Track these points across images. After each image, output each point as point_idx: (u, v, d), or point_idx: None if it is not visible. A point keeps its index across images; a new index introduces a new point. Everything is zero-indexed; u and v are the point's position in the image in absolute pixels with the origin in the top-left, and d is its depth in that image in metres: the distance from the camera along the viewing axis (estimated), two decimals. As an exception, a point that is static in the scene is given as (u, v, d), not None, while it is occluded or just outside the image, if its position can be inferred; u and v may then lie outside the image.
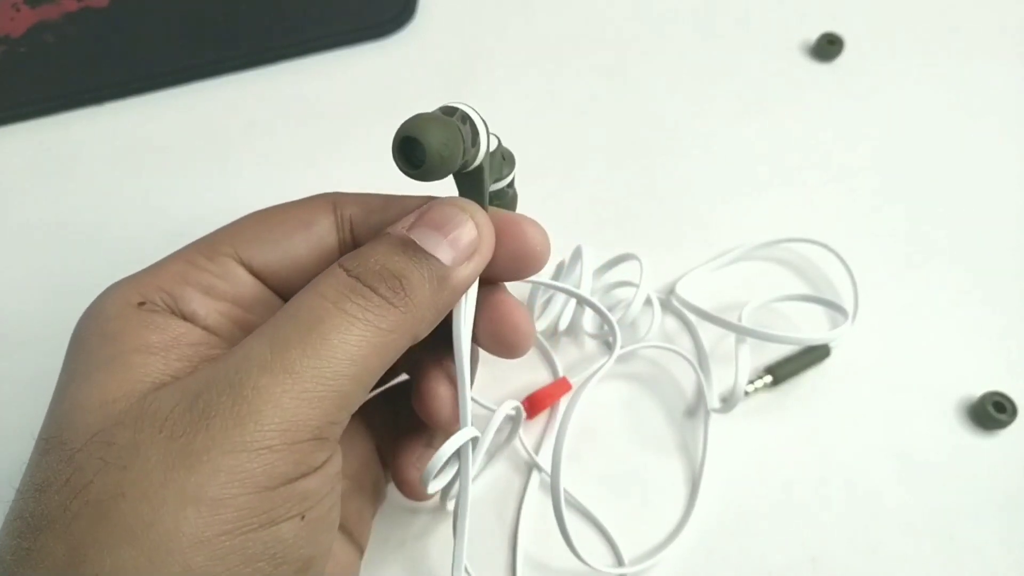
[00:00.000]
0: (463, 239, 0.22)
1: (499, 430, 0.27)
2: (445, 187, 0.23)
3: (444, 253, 0.22)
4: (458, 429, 0.24)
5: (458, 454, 0.25)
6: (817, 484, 0.33)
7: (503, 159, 0.25)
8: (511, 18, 0.47)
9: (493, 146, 0.23)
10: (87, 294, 0.37)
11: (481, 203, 0.23)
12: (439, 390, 0.25)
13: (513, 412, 0.29)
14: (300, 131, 0.43)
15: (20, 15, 0.47)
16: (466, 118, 0.21)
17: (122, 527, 0.17)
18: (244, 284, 0.23)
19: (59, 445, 0.19)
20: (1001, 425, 0.33)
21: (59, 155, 0.42)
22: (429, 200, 0.24)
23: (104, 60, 0.45)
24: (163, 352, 0.20)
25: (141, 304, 0.21)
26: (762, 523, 0.32)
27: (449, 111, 0.21)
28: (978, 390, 0.34)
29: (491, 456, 0.33)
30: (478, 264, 0.23)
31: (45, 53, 0.45)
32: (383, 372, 0.21)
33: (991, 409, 0.33)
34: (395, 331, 0.20)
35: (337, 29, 0.46)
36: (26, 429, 0.34)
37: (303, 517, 0.19)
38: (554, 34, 0.46)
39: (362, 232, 0.25)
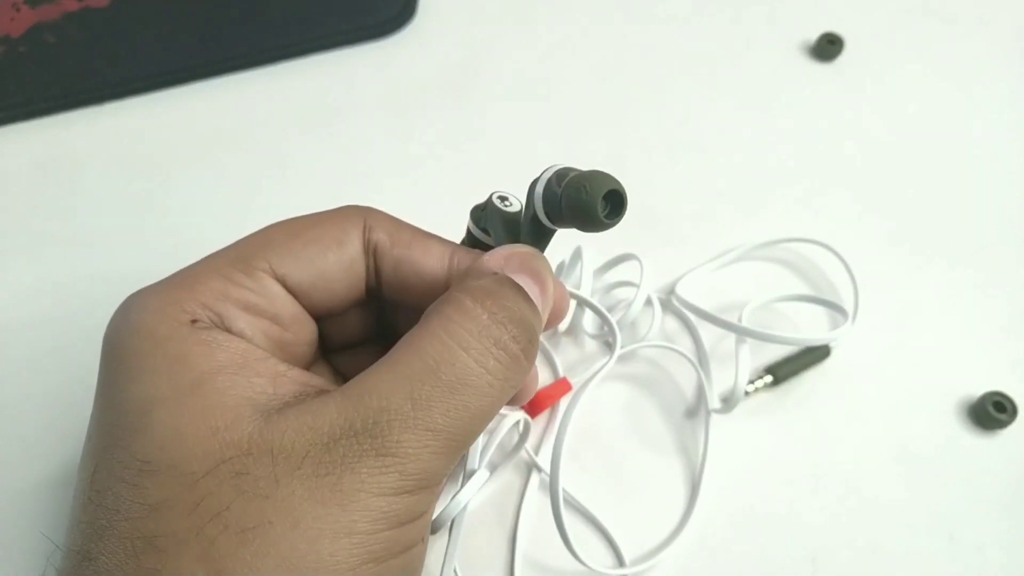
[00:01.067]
0: (546, 290, 0.23)
1: (507, 439, 0.27)
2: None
3: (537, 300, 0.22)
4: None
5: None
6: (817, 484, 0.33)
7: None
8: (511, 18, 0.47)
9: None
10: (88, 295, 0.37)
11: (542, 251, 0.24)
12: None
13: (520, 422, 0.29)
14: (300, 131, 0.43)
15: (20, 15, 0.47)
16: None
17: (273, 553, 0.18)
18: (281, 301, 0.23)
19: (170, 469, 0.19)
20: (1001, 425, 0.33)
21: (59, 155, 0.42)
22: (454, 246, 0.25)
23: (104, 60, 0.45)
24: (240, 372, 0.21)
25: (194, 322, 0.21)
26: (762, 523, 0.32)
27: (564, 172, 0.22)
28: (978, 390, 0.34)
29: (494, 467, 0.33)
30: (547, 316, 0.24)
31: (45, 53, 0.45)
32: None
33: (991, 409, 0.33)
34: (517, 386, 0.22)
35: (337, 29, 0.46)
36: (31, 431, 0.34)
37: (424, 540, 0.21)
38: (553, 34, 0.46)
39: (383, 262, 0.24)
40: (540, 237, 0.24)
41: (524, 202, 0.24)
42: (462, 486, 0.27)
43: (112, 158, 0.42)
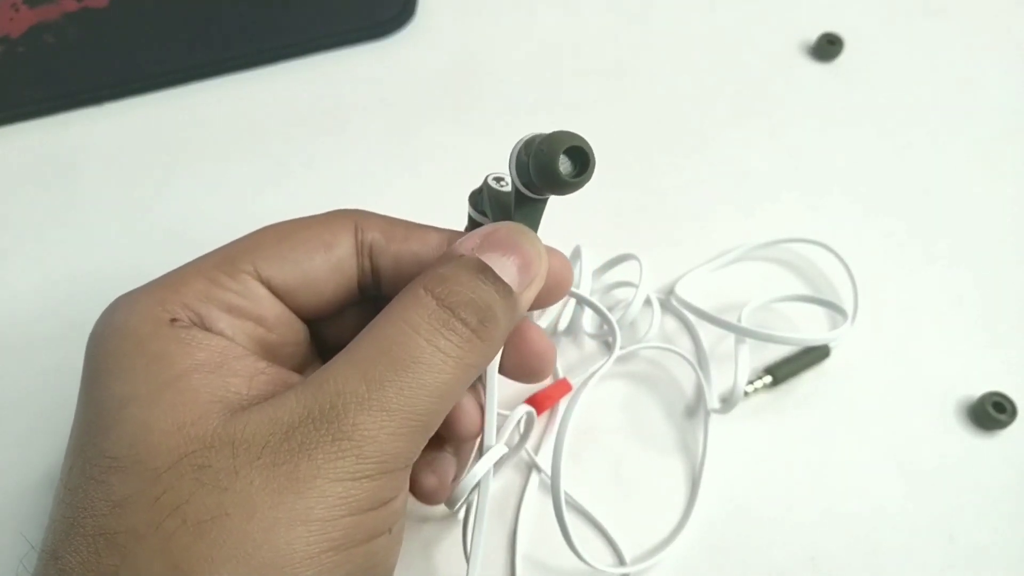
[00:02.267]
0: (529, 265, 0.22)
1: (510, 436, 0.27)
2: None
3: (512, 278, 0.22)
4: (474, 439, 0.25)
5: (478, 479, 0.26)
6: (817, 484, 0.33)
7: None
8: (511, 18, 0.47)
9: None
10: (88, 295, 0.37)
11: (535, 229, 0.24)
12: (465, 404, 0.25)
13: (526, 417, 0.29)
14: (300, 131, 0.43)
15: (19, 15, 0.47)
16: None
17: (229, 544, 0.18)
18: (265, 303, 0.23)
19: (136, 464, 0.19)
20: (1001, 425, 0.33)
21: (58, 155, 0.42)
22: (452, 232, 0.25)
23: (103, 60, 0.45)
24: (217, 371, 0.21)
25: (173, 321, 0.21)
26: (762, 523, 0.32)
27: (532, 139, 0.22)
28: (978, 390, 0.34)
29: (499, 467, 0.33)
30: (536, 290, 0.23)
31: (44, 53, 0.45)
32: None
33: (991, 409, 0.33)
34: (477, 364, 0.22)
35: (337, 29, 0.46)
36: (29, 429, 0.34)
37: (391, 531, 0.21)
38: (553, 34, 0.46)
39: (381, 260, 0.24)
40: (528, 212, 0.23)
41: None
42: (475, 461, 0.27)
43: (111, 158, 0.42)
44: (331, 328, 0.26)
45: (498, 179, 0.24)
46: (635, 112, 0.43)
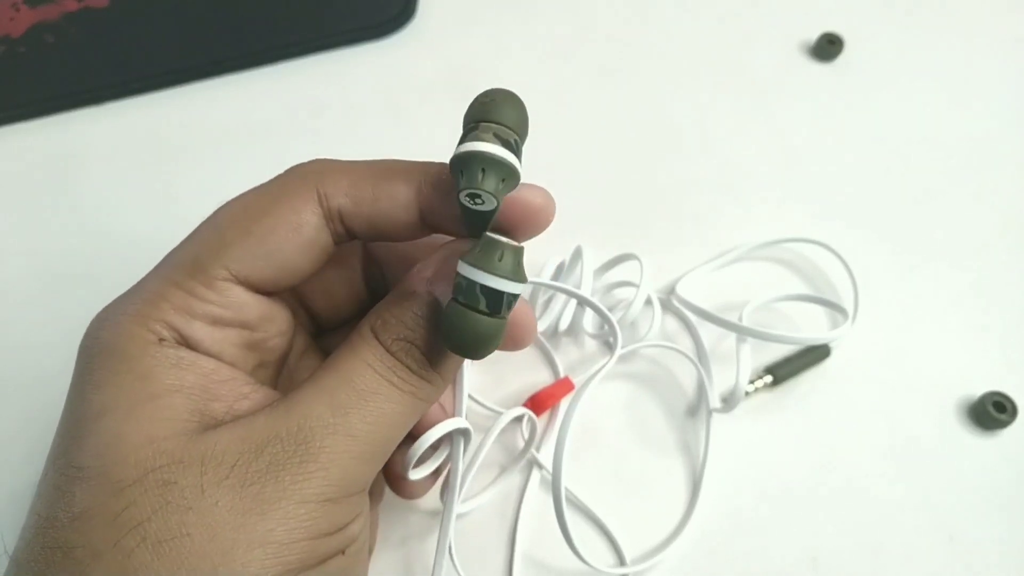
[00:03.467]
0: None
1: (514, 439, 0.27)
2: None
3: None
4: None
5: (451, 445, 0.26)
6: (817, 484, 0.33)
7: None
8: (511, 18, 0.47)
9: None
10: (87, 297, 0.37)
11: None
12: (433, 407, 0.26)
13: (523, 418, 0.29)
14: (301, 131, 0.43)
15: (20, 15, 0.47)
16: (517, 148, 0.21)
17: (188, 566, 0.18)
18: (248, 307, 0.23)
19: (100, 476, 0.19)
20: (1001, 425, 0.33)
21: (59, 156, 0.42)
22: (421, 175, 0.23)
23: (104, 60, 0.45)
24: (200, 393, 0.21)
25: (161, 341, 0.21)
26: (763, 522, 0.32)
27: (504, 140, 0.20)
28: (978, 390, 0.34)
29: (503, 468, 0.33)
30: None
31: (45, 53, 0.45)
32: None
33: (991, 409, 0.33)
34: (429, 399, 0.23)
35: (337, 29, 0.46)
36: (24, 433, 0.34)
37: (344, 552, 0.22)
38: (554, 34, 0.46)
39: (354, 223, 0.23)
40: (474, 222, 0.22)
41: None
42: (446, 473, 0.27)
43: (112, 159, 0.42)
44: (319, 301, 0.27)
45: (472, 195, 0.21)
46: (635, 112, 0.43)
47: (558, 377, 0.35)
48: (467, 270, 0.20)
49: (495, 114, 0.21)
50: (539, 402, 0.33)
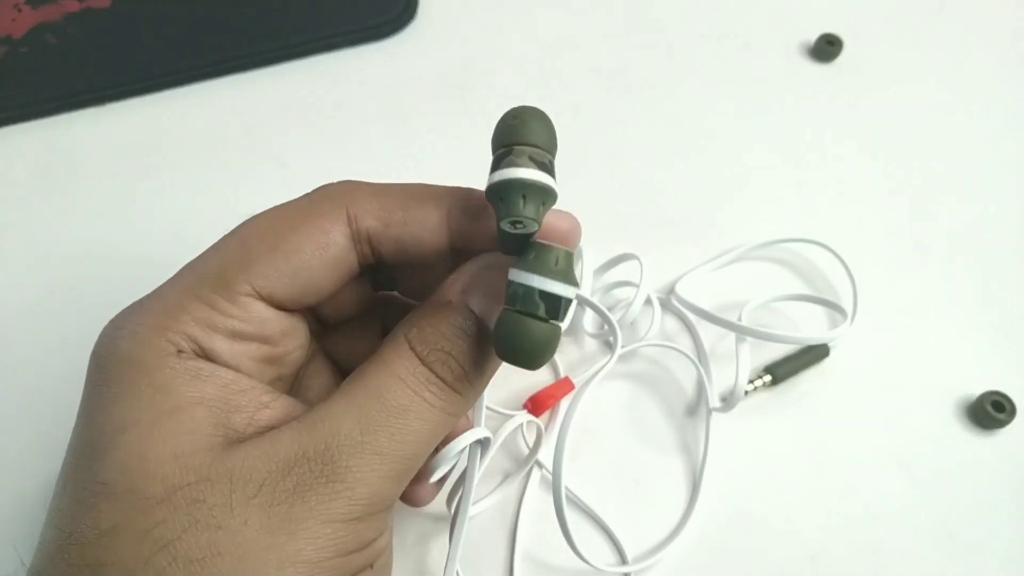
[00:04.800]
0: None
1: (519, 444, 0.27)
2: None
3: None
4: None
5: (466, 454, 0.26)
6: (816, 483, 0.33)
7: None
8: (511, 19, 0.47)
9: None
10: (89, 298, 0.37)
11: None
12: None
13: (529, 424, 0.29)
14: (301, 132, 0.43)
15: (22, 16, 0.47)
16: (551, 167, 0.20)
17: None
18: (269, 323, 0.23)
19: (128, 492, 0.19)
20: (1000, 424, 0.33)
21: (60, 156, 0.42)
22: (451, 201, 0.23)
23: (105, 61, 0.45)
24: (220, 405, 0.21)
25: (180, 352, 0.21)
26: (763, 522, 0.32)
27: (541, 163, 0.20)
28: (977, 389, 0.34)
29: (507, 473, 0.33)
30: None
31: (46, 54, 0.45)
32: None
33: (990, 408, 0.33)
34: (459, 412, 0.22)
35: (338, 30, 0.46)
36: (27, 438, 0.34)
37: (372, 567, 0.22)
38: (554, 35, 0.46)
39: (382, 247, 0.23)
40: (508, 245, 0.22)
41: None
42: (461, 482, 0.27)
43: (113, 159, 0.42)
44: (328, 308, 0.26)
45: (514, 222, 0.21)
46: (635, 112, 0.43)
47: (558, 377, 0.35)
48: (524, 276, 0.20)
49: (526, 135, 0.20)
50: (539, 402, 0.34)
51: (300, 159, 0.42)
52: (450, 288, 0.23)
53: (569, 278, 0.20)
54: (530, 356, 0.20)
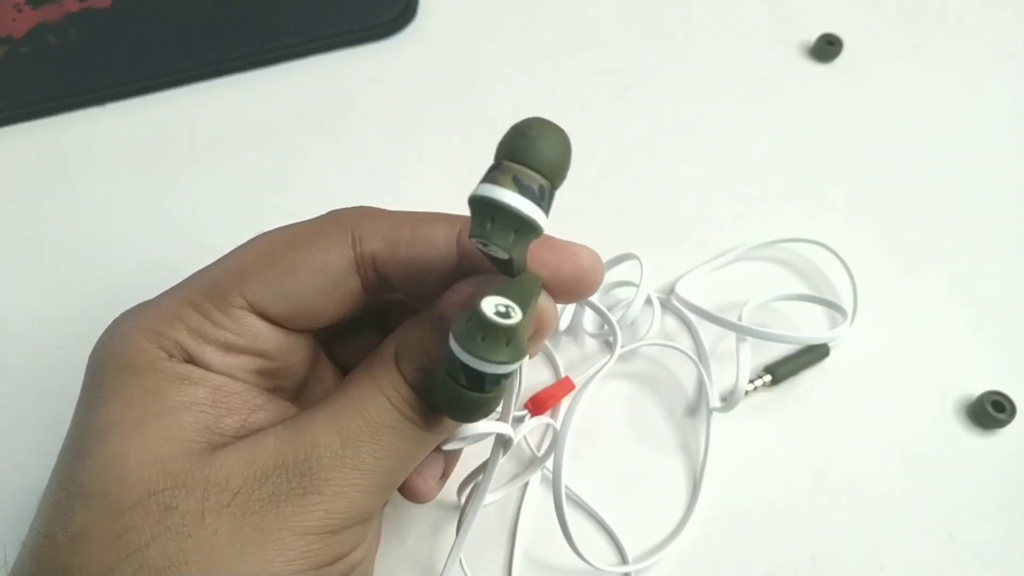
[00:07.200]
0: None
1: (522, 445, 0.27)
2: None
3: None
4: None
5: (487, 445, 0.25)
6: (817, 483, 0.33)
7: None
8: (511, 19, 0.47)
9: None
10: (90, 299, 0.37)
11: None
12: None
13: (546, 428, 0.28)
14: (302, 132, 0.43)
15: (22, 16, 0.47)
16: (542, 194, 0.18)
17: None
18: (264, 336, 0.22)
19: (101, 496, 0.19)
20: (1000, 424, 0.33)
21: (61, 156, 0.42)
22: (460, 221, 0.22)
23: (106, 61, 0.45)
24: (211, 408, 0.21)
25: (172, 357, 0.21)
26: (763, 521, 0.32)
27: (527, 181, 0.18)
28: (977, 389, 0.34)
29: (512, 476, 0.32)
30: (534, 352, 0.23)
31: (47, 54, 0.45)
32: None
33: (990, 408, 0.33)
34: (443, 434, 0.22)
35: (338, 30, 0.46)
36: (25, 437, 0.34)
37: None
38: (554, 35, 0.46)
39: (388, 269, 0.23)
40: (499, 267, 0.20)
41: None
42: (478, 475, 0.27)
43: (114, 159, 0.42)
44: (337, 327, 0.26)
45: (481, 243, 0.19)
46: (635, 112, 0.43)
47: (559, 377, 0.35)
48: (452, 343, 0.18)
49: (521, 153, 0.18)
50: (540, 402, 0.34)
51: (300, 159, 0.42)
52: (446, 302, 0.22)
53: (497, 353, 0.18)
54: (460, 417, 0.20)
